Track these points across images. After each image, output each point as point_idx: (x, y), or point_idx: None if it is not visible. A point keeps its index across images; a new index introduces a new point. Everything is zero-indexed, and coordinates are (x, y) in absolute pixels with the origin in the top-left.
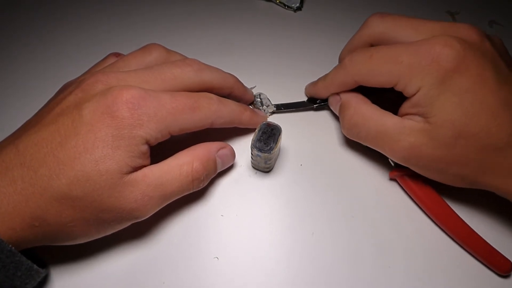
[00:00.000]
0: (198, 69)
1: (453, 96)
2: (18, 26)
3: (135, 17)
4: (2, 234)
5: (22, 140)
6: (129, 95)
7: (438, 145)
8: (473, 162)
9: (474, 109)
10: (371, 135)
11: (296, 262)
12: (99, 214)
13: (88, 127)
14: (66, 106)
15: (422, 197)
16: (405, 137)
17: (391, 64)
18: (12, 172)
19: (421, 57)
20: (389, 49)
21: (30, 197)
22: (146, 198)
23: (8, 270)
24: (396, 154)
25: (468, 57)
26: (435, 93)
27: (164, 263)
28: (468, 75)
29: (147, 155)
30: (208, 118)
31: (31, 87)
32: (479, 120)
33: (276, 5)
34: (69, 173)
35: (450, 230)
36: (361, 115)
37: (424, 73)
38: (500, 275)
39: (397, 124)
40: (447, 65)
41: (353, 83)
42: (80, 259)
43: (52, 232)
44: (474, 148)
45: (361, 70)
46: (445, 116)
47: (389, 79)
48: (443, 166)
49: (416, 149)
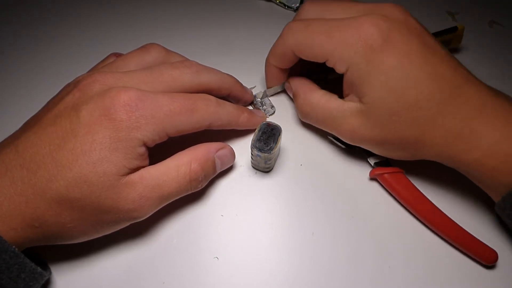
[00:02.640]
0: (196, 71)
1: (381, 75)
2: (18, 26)
3: (136, 17)
4: (5, 235)
5: (22, 141)
6: (127, 97)
7: (374, 125)
8: (408, 137)
9: (402, 85)
10: (320, 121)
11: (296, 262)
12: (98, 215)
13: (86, 129)
14: (64, 107)
15: (403, 194)
16: (346, 120)
17: (323, 37)
18: (12, 173)
19: (350, 35)
20: (324, 22)
21: (30, 198)
22: (144, 199)
23: (12, 272)
24: (343, 136)
25: (393, 34)
26: (363, 72)
27: (164, 263)
28: (394, 53)
29: (144, 156)
30: (206, 120)
31: (32, 87)
32: (408, 95)
33: (276, 5)
34: (67, 175)
35: (434, 226)
36: (309, 103)
37: (353, 52)
38: (486, 266)
39: (339, 107)
40: (373, 43)
41: (291, 55)
42: (80, 258)
43: (52, 232)
44: (406, 123)
45: (297, 39)
46: (375, 95)
47: (321, 53)
48: (383, 143)
49: (356, 131)
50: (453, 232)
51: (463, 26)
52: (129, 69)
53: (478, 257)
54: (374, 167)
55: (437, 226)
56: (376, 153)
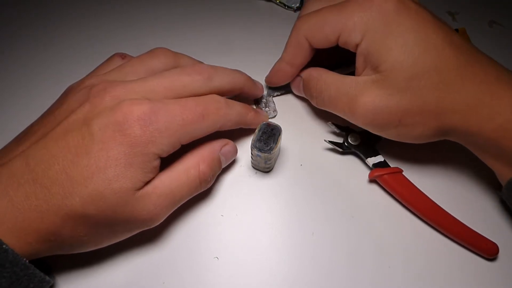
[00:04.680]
0: (208, 77)
1: (398, 37)
2: (18, 26)
3: (136, 17)
4: (19, 249)
5: (32, 154)
6: (140, 111)
7: (392, 93)
8: (429, 103)
9: (420, 47)
10: (332, 98)
11: (296, 262)
12: (113, 227)
13: (99, 146)
14: (73, 120)
15: (404, 194)
16: (362, 93)
17: (335, 13)
18: (25, 188)
19: (362, 2)
20: (335, 4)
21: (45, 215)
22: (158, 208)
23: (21, 283)
24: (355, 114)
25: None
26: (380, 37)
27: (164, 263)
28: (410, 14)
29: (158, 168)
30: (217, 123)
31: (32, 87)
32: (426, 58)
33: (276, 5)
34: (82, 192)
35: (436, 223)
36: (323, 81)
37: (368, 17)
38: (487, 259)
39: (353, 81)
40: (387, 6)
41: (305, 44)
42: (80, 259)
43: (66, 244)
44: (427, 88)
45: (310, 24)
46: (393, 60)
47: (334, 28)
48: (401, 116)
49: (372, 104)
50: (455, 228)
51: (464, 28)
52: (138, 76)
53: (479, 250)
54: (372, 169)
55: (438, 223)
56: (391, 137)
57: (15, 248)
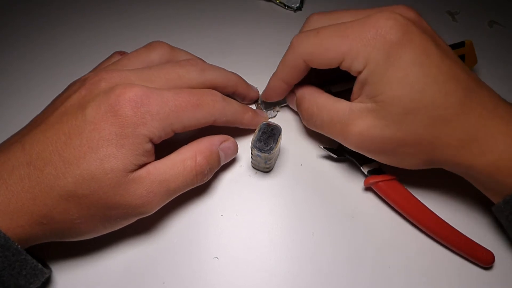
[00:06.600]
0: (202, 69)
1: (399, 71)
2: (18, 26)
3: (136, 17)
4: (11, 232)
5: (28, 139)
6: (132, 94)
7: (387, 124)
8: (423, 138)
9: (420, 82)
10: (325, 123)
11: (296, 262)
12: (106, 211)
13: (92, 126)
14: (70, 104)
15: (399, 201)
16: (355, 121)
17: (337, 38)
18: (19, 170)
19: (366, 30)
20: (335, 25)
21: (38, 196)
22: (151, 194)
23: (13, 269)
24: (348, 139)
25: (410, 30)
26: (381, 69)
27: (164, 263)
28: (412, 48)
29: (151, 152)
30: (211, 115)
31: (32, 87)
32: (426, 93)
33: (276, 5)
34: (74, 172)
35: (432, 231)
36: (315, 104)
37: (371, 47)
38: (483, 267)
39: (347, 108)
40: (391, 37)
41: (302, 65)
42: (80, 257)
43: (59, 229)
44: (423, 123)
45: (308, 46)
46: (392, 93)
47: (336, 54)
48: (395, 147)
49: (366, 133)
50: (450, 236)
51: (471, 41)
52: (135, 68)
53: (475, 259)
54: (367, 176)
55: (434, 231)
56: (382, 161)
57: (8, 232)
